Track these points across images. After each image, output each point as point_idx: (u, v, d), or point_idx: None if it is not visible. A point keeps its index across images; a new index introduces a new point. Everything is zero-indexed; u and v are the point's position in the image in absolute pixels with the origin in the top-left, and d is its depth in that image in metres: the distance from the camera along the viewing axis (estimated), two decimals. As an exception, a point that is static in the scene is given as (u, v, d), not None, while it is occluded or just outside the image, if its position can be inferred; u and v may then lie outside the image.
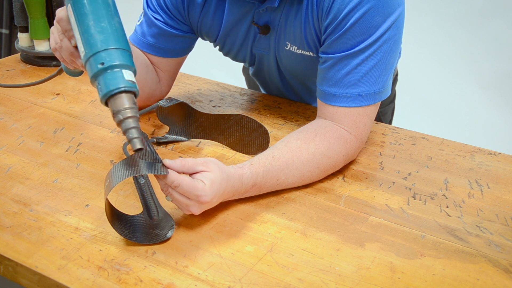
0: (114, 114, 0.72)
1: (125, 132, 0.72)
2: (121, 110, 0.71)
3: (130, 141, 0.71)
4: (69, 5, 0.78)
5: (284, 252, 0.77)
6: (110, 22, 0.75)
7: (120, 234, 0.77)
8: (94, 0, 0.76)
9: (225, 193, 0.81)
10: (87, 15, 0.75)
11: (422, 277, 0.74)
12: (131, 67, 0.74)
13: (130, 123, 0.71)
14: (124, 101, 0.71)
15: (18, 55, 1.42)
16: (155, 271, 0.73)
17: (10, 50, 2.78)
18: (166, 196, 0.79)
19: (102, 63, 0.72)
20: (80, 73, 0.97)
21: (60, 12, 0.82)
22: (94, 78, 0.73)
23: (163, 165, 0.76)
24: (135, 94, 0.73)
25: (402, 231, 0.83)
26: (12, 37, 2.78)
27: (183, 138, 1.05)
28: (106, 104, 0.73)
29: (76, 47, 0.82)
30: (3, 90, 1.22)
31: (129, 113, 0.71)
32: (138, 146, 0.71)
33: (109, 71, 0.72)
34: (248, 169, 0.85)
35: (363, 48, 0.91)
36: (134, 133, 0.71)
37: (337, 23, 0.91)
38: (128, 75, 0.73)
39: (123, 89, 0.71)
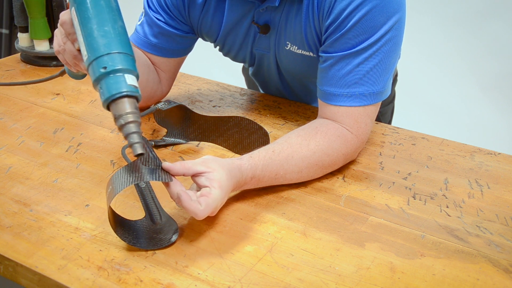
0: (116, 118, 0.71)
1: (126, 137, 0.71)
2: (123, 114, 0.70)
3: (131, 146, 0.71)
4: (73, 8, 0.77)
5: (284, 252, 0.77)
6: (113, 26, 0.74)
7: (124, 241, 0.76)
8: (98, 4, 0.75)
9: (232, 186, 0.82)
10: (91, 18, 0.74)
11: (422, 277, 0.74)
12: (134, 72, 0.73)
13: (132, 128, 0.70)
14: (126, 105, 0.71)
15: (18, 55, 1.42)
16: (155, 271, 0.73)
17: (10, 50, 2.78)
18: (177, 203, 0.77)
19: (105, 67, 0.71)
20: (83, 76, 0.96)
21: (64, 15, 0.82)
22: (97, 82, 0.72)
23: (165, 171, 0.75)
24: (137, 99, 0.73)
25: (402, 231, 0.83)
26: (12, 37, 2.78)
27: (181, 141, 1.04)
28: (108, 108, 0.72)
29: (79, 50, 0.82)
30: (3, 90, 1.22)
31: (130, 117, 0.70)
32: (139, 151, 0.70)
33: (111, 75, 0.71)
34: (247, 160, 0.85)
35: (364, 48, 0.91)
36: (135, 138, 0.70)
37: (339, 22, 0.91)
38: (130, 79, 0.72)
39: (125, 93, 0.71)
